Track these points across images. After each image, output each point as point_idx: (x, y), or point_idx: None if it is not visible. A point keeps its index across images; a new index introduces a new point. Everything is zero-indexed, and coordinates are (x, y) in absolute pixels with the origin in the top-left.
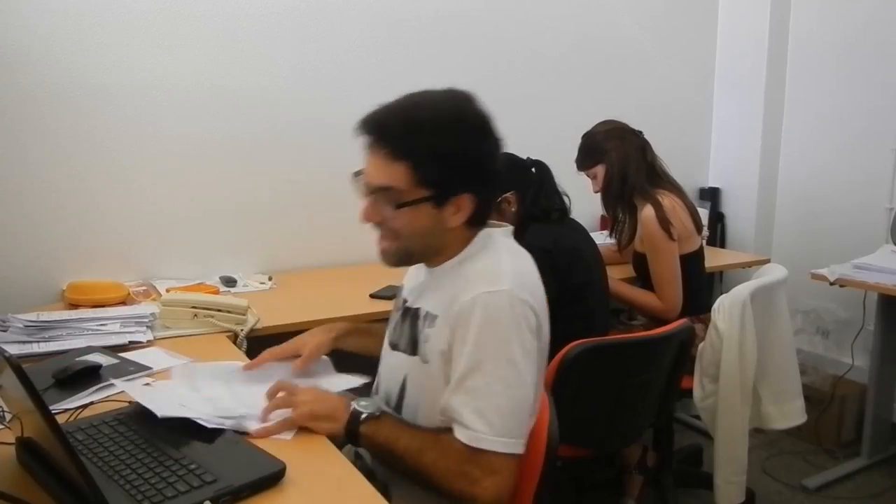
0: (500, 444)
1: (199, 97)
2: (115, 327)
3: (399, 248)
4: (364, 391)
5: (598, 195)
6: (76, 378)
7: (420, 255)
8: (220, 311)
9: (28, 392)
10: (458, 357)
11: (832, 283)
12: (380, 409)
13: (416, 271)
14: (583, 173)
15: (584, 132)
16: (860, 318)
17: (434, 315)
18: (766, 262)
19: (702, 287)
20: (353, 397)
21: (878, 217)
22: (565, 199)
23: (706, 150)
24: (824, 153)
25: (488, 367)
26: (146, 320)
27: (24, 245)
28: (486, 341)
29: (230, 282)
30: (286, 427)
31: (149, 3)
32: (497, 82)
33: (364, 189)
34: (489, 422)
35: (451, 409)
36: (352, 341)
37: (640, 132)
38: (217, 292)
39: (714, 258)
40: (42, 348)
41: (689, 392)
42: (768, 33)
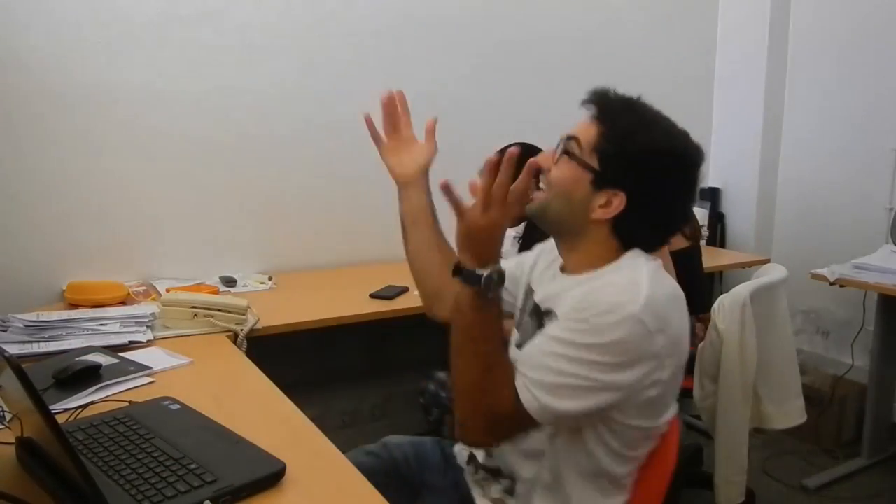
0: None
1: (199, 98)
2: (114, 327)
3: (543, 201)
4: None
5: None
6: (76, 378)
7: (554, 221)
8: (219, 311)
9: (28, 392)
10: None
11: (832, 283)
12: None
13: (545, 272)
14: None
15: None
16: (860, 318)
17: (557, 315)
18: (766, 261)
19: (702, 287)
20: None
21: (878, 217)
22: None
23: (706, 149)
24: (824, 153)
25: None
26: (146, 320)
27: (24, 245)
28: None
29: (230, 282)
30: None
31: (149, 5)
32: (497, 82)
33: (561, 144)
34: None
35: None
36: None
37: None
38: (217, 292)
39: (714, 258)
40: (42, 348)
41: (689, 392)
42: (768, 33)
